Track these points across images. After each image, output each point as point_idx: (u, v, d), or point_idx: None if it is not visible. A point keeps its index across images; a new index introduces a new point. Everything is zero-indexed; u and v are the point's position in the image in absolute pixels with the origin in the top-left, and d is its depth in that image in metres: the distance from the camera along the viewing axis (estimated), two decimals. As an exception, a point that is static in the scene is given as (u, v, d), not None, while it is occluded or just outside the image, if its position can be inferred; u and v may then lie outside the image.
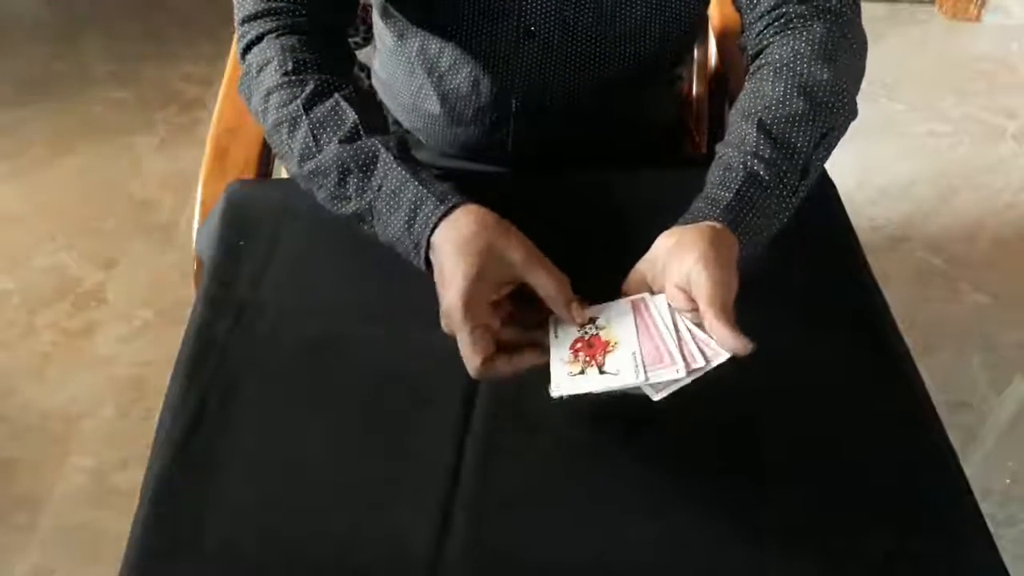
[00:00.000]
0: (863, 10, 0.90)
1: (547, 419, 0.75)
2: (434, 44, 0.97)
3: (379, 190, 0.79)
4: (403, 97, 1.07)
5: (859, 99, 0.87)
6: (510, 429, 0.74)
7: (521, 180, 1.00)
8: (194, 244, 1.01)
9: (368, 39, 1.21)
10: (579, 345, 0.72)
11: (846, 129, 0.85)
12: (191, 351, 0.80)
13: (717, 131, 1.26)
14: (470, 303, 0.71)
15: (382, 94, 1.14)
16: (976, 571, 0.69)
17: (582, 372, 0.70)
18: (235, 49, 0.93)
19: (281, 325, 0.82)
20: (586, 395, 0.70)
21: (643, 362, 0.69)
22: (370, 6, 1.07)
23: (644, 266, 0.75)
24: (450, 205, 0.76)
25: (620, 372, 0.69)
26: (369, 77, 1.20)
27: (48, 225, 1.89)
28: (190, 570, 0.67)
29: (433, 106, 1.03)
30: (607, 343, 0.71)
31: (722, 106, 1.24)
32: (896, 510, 0.71)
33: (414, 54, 1.00)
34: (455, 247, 0.74)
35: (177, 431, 0.74)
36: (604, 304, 0.74)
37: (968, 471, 0.75)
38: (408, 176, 0.78)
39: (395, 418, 0.75)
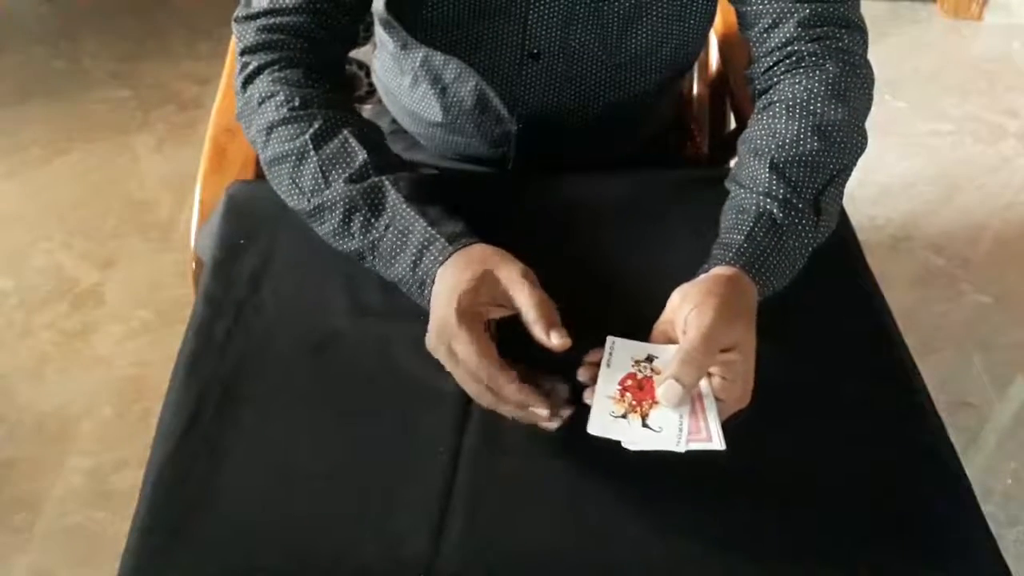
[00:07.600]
0: (864, 8, 0.91)
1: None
2: (438, 57, 0.96)
3: (386, 229, 0.79)
4: (404, 102, 1.07)
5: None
6: (508, 427, 0.73)
7: (521, 181, 1.00)
8: (193, 244, 1.01)
9: (368, 37, 1.20)
10: (629, 383, 0.70)
11: (857, 162, 0.85)
12: (191, 350, 0.80)
13: (717, 131, 1.26)
14: (464, 311, 0.71)
15: (382, 94, 1.14)
16: (978, 572, 0.69)
17: (623, 416, 0.68)
18: (231, 58, 0.92)
19: (280, 324, 0.82)
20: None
21: (687, 430, 0.67)
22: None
23: (663, 326, 0.74)
24: (459, 245, 0.76)
25: (662, 431, 0.67)
26: (368, 76, 1.19)
27: (46, 225, 1.89)
28: (188, 569, 0.67)
29: (435, 115, 1.03)
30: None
31: (723, 106, 1.24)
32: (897, 511, 0.71)
33: (417, 64, 0.99)
34: (452, 272, 0.74)
35: (176, 430, 0.74)
36: (666, 345, 0.72)
37: (970, 471, 0.75)
38: (416, 216, 0.78)
39: (393, 417, 0.75)
